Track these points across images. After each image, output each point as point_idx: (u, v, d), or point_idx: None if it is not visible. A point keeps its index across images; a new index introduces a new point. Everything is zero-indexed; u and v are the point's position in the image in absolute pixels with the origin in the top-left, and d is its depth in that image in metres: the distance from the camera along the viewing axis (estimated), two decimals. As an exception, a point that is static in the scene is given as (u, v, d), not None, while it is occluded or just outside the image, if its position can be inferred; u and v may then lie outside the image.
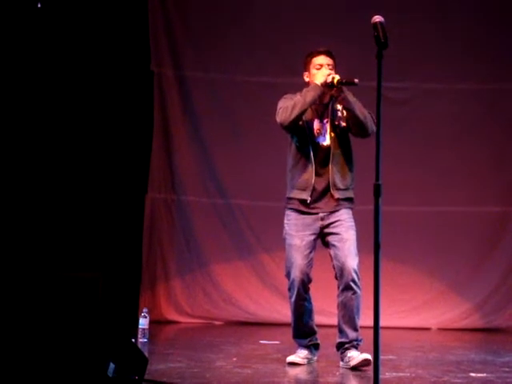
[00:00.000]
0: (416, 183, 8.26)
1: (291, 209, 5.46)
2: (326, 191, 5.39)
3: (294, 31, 8.19)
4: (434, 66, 8.28)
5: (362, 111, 5.31)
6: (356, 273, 5.31)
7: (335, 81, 5.23)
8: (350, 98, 5.29)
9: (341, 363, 5.39)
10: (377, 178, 3.59)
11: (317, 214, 5.40)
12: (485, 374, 5.19)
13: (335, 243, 5.38)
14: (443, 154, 8.28)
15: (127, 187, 8.23)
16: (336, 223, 5.40)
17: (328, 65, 5.38)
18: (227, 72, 8.28)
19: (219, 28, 8.30)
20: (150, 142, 8.27)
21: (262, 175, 8.17)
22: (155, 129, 8.29)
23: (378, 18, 3.75)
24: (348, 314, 5.34)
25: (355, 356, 5.29)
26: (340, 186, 5.39)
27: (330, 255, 5.41)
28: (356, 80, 5.15)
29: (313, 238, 5.41)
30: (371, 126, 5.32)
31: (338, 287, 5.37)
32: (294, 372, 5.24)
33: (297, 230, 5.42)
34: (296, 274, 5.37)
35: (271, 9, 8.34)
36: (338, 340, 5.41)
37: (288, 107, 5.31)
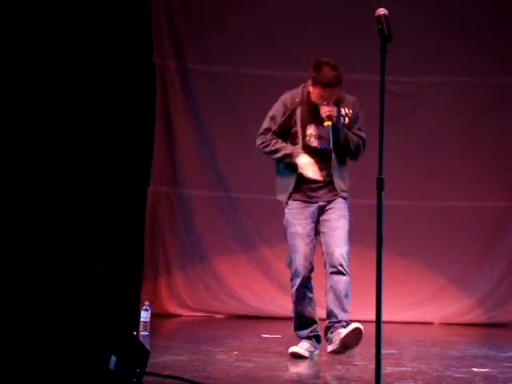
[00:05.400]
0: (418, 177, 8.24)
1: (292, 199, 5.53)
2: (326, 183, 5.45)
3: (296, 24, 8.15)
4: (438, 60, 8.24)
5: (347, 143, 5.42)
6: (344, 258, 5.35)
7: (324, 123, 5.32)
8: (332, 136, 5.31)
9: (329, 347, 5.33)
10: (380, 172, 3.59)
11: (316, 203, 5.48)
12: (487, 369, 5.18)
13: (325, 230, 5.44)
14: (446, 148, 8.26)
15: (129, 180, 8.21)
16: (329, 211, 5.48)
17: (331, 97, 5.37)
18: (230, 64, 8.26)
19: (222, 20, 8.27)
20: (152, 134, 8.26)
21: (264, 169, 8.11)
22: (157, 121, 8.27)
23: (382, 11, 3.72)
24: (337, 298, 5.32)
25: (344, 331, 5.24)
26: (343, 187, 5.50)
27: (320, 242, 5.44)
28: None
29: (313, 225, 5.49)
30: (357, 154, 5.48)
31: (326, 272, 5.37)
32: (295, 366, 5.24)
33: (298, 218, 5.48)
34: (300, 261, 5.40)
35: (273, 1, 8.31)
36: (327, 323, 5.37)
37: (269, 145, 5.65)
